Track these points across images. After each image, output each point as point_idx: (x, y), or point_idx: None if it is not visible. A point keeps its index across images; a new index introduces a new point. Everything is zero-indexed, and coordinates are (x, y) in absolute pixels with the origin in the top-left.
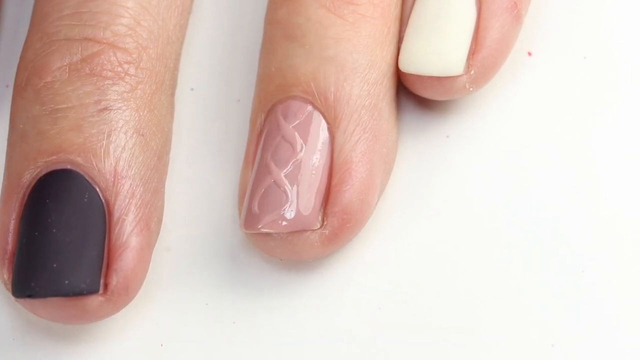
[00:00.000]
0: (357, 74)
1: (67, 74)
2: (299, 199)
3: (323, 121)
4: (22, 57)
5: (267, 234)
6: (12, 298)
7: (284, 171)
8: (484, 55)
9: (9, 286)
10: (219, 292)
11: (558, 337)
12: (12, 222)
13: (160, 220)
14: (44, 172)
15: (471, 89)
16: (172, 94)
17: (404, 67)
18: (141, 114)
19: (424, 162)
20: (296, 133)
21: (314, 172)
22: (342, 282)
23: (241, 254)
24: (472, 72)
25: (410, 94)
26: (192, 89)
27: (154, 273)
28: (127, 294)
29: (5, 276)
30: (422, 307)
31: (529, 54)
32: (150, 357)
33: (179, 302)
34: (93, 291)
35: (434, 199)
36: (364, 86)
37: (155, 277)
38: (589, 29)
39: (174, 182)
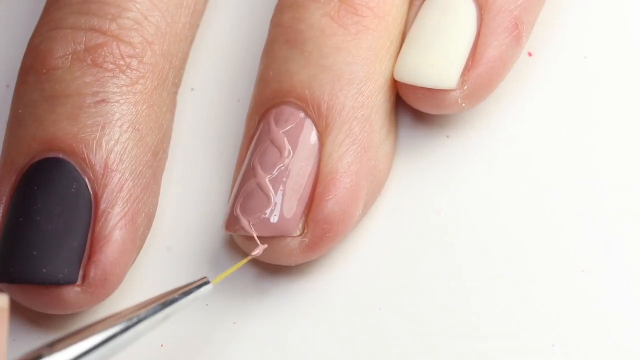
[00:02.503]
0: (353, 85)
1: (69, 63)
2: (281, 205)
3: (314, 129)
4: (29, 42)
5: (249, 236)
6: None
7: (269, 175)
8: (479, 72)
9: None
10: (219, 292)
11: (558, 337)
12: (2, 205)
13: (150, 216)
14: (36, 159)
15: (464, 105)
16: (175, 92)
17: (398, 75)
18: (139, 108)
19: (424, 162)
20: (285, 139)
21: (299, 179)
22: (342, 282)
23: (241, 254)
24: (466, 87)
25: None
26: (192, 89)
27: (154, 273)
28: (104, 286)
29: None
30: (422, 306)
31: (529, 54)
32: (150, 357)
33: None
34: (70, 281)
35: (434, 199)
36: (358, 98)
37: (156, 277)
38: (589, 29)
39: (174, 182)
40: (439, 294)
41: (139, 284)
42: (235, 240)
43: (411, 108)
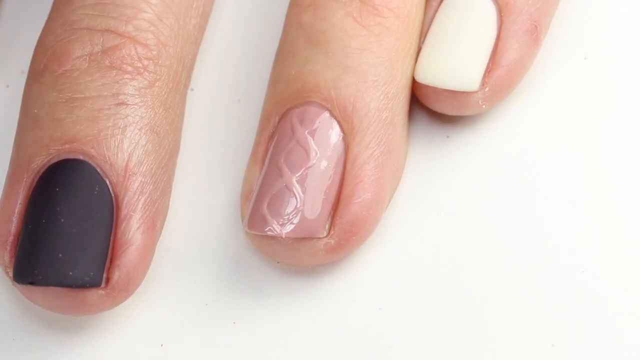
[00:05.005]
0: (378, 87)
1: (86, 64)
2: (308, 206)
3: (339, 130)
4: (40, 42)
5: (272, 237)
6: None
7: (296, 176)
8: (500, 74)
9: (10, 270)
10: (219, 292)
11: (558, 337)
12: (19, 206)
13: (164, 219)
14: (55, 160)
15: (484, 106)
16: (186, 94)
17: (421, 78)
18: (157, 111)
19: (424, 163)
20: (311, 139)
21: (325, 180)
22: (342, 282)
23: (241, 254)
24: (487, 89)
25: (411, 95)
26: (192, 89)
27: (154, 273)
28: (127, 290)
29: (7, 260)
30: (423, 306)
31: None
32: (150, 357)
33: (179, 302)
34: (95, 285)
35: (434, 199)
36: (383, 100)
37: (155, 277)
38: (589, 29)
39: (174, 182)
40: (438, 294)
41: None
42: (251, 239)
43: (410, 108)
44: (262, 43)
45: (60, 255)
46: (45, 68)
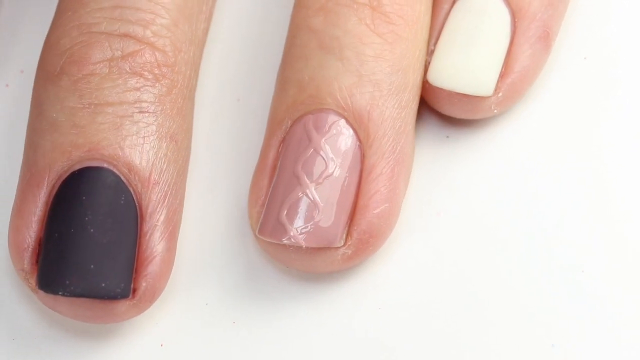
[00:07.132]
0: (392, 95)
1: (107, 69)
2: (326, 215)
3: (355, 138)
4: (54, 43)
5: (289, 245)
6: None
7: (315, 184)
8: (512, 80)
9: (30, 277)
10: (219, 292)
11: (558, 337)
12: (39, 211)
13: (180, 227)
14: (78, 167)
15: (495, 111)
16: (194, 99)
17: (436, 81)
18: (175, 119)
19: (423, 163)
20: (328, 147)
21: (343, 188)
22: (341, 282)
23: (241, 253)
24: (500, 94)
25: None
26: None
27: None
28: (152, 299)
29: (28, 266)
30: (422, 306)
31: None
32: (150, 357)
33: (179, 302)
34: (125, 296)
35: (434, 199)
36: (397, 109)
37: None
38: (589, 29)
39: None
40: (438, 294)
41: None
42: (263, 246)
43: None
44: (262, 42)
45: (92, 266)
46: (62, 71)
